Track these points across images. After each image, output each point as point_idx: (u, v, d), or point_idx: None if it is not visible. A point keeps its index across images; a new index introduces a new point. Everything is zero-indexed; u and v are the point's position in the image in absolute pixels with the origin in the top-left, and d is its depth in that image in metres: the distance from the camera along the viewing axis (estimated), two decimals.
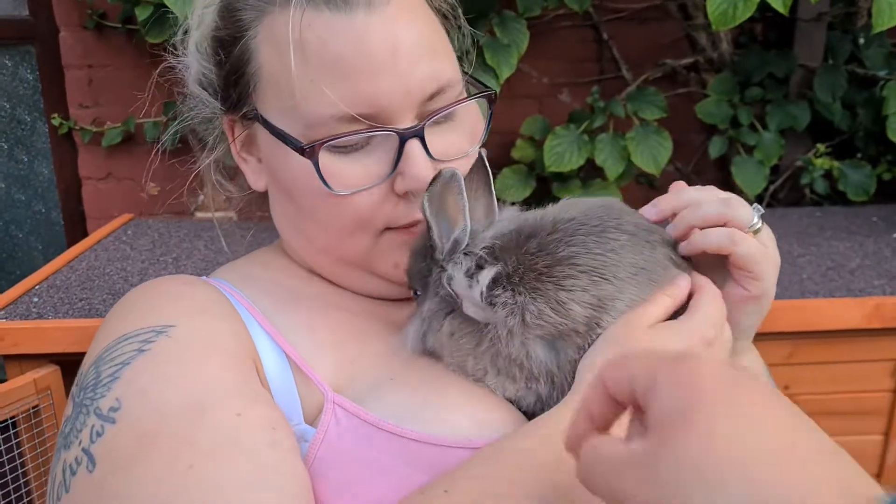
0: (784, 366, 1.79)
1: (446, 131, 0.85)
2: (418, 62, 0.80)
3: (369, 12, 0.78)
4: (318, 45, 0.77)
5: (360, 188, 0.80)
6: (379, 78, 0.77)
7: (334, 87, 0.77)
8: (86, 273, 1.97)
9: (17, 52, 2.95)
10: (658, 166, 2.49)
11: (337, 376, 0.80)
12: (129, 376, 0.70)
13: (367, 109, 0.78)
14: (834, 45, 2.70)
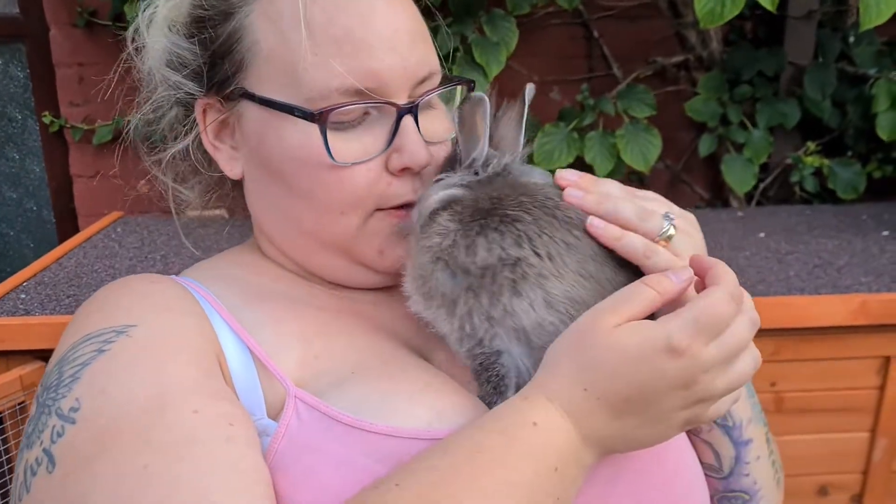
0: (770, 362, 1.80)
1: (431, 117, 0.88)
2: (415, 44, 0.84)
3: None
4: (323, 19, 0.80)
5: (359, 160, 0.82)
6: (383, 54, 0.80)
7: (340, 60, 0.79)
8: (74, 270, 1.97)
9: (8, 49, 2.95)
10: (647, 164, 2.50)
11: (300, 371, 0.80)
12: (88, 377, 0.71)
13: (370, 83, 0.80)
14: (824, 43, 2.71)
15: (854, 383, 1.85)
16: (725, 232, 2.34)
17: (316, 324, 0.85)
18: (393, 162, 0.83)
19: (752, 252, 2.11)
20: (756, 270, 1.95)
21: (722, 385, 0.70)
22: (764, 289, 1.82)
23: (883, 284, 1.83)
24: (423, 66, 0.84)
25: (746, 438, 0.89)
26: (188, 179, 0.98)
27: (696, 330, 0.67)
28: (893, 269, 1.94)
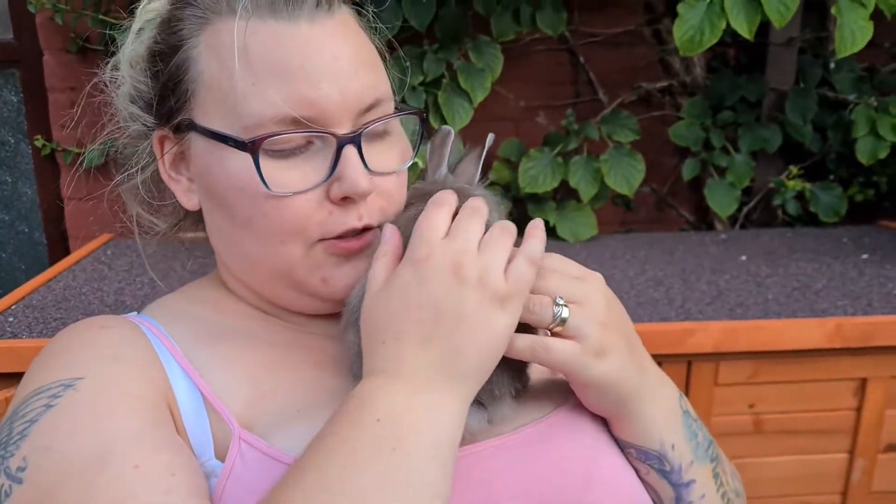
0: (747, 385, 1.82)
1: (380, 147, 0.88)
2: (357, 72, 0.83)
3: (312, 23, 0.82)
4: (261, 50, 0.80)
5: (298, 190, 0.82)
6: (320, 83, 0.81)
7: (276, 89, 0.80)
8: (62, 293, 1.99)
9: (1, 74, 2.98)
10: (631, 188, 2.53)
11: (248, 411, 0.81)
12: (35, 434, 0.72)
13: (307, 112, 0.80)
14: (805, 69, 2.76)
15: (832, 405, 1.88)
16: (708, 255, 2.37)
17: (266, 361, 0.87)
18: (333, 191, 0.83)
19: (732, 275, 2.14)
20: (735, 294, 1.98)
21: (490, 259, 0.74)
22: (742, 312, 1.85)
23: (859, 308, 1.86)
24: (367, 94, 0.84)
25: (687, 480, 0.89)
26: (158, 209, 1.00)
27: (423, 237, 0.75)
28: (871, 293, 1.97)
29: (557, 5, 2.59)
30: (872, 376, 1.84)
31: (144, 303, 1.92)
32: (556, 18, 2.59)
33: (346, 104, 0.82)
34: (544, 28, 2.59)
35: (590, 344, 0.78)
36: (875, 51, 2.76)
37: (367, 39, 0.90)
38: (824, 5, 2.69)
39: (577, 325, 0.77)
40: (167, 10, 0.89)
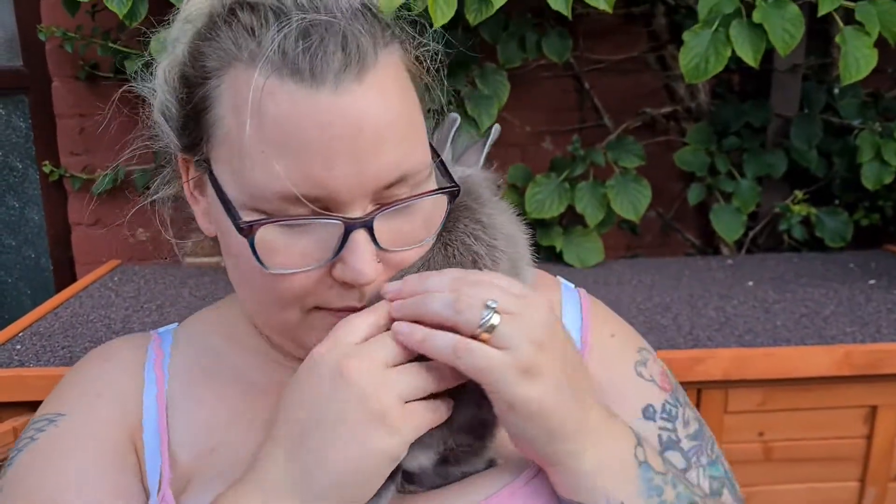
0: (757, 413, 1.81)
1: (399, 220, 0.79)
2: (380, 150, 0.74)
3: (336, 93, 0.72)
4: (275, 116, 0.72)
5: (297, 269, 0.76)
6: (334, 164, 0.72)
7: (285, 163, 0.72)
8: (69, 320, 1.99)
9: (11, 101, 3.01)
10: (637, 213, 2.54)
11: (194, 462, 0.86)
12: (16, 464, 0.82)
13: (316, 192, 0.73)
14: (809, 95, 2.77)
15: (842, 433, 1.87)
16: (715, 281, 2.37)
17: (230, 412, 0.90)
18: (336, 271, 0.77)
19: (739, 301, 2.14)
20: (743, 320, 1.98)
21: (394, 381, 0.71)
22: (751, 339, 1.84)
23: (868, 334, 1.85)
24: (390, 172, 0.75)
25: None
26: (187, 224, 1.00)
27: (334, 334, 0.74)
28: (879, 319, 1.97)
29: (563, 33, 2.61)
30: (883, 404, 1.83)
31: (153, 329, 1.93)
32: (562, 46, 2.61)
33: (362, 186, 0.74)
34: (550, 55, 2.61)
35: (519, 358, 0.70)
36: (880, 76, 2.78)
37: (406, 93, 0.80)
38: (828, 32, 2.70)
39: (508, 334, 0.70)
40: (202, 23, 0.81)
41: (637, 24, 2.88)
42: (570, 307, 1.04)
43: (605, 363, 0.99)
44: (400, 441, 0.69)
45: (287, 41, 0.72)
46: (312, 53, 0.72)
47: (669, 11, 2.81)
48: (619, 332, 1.06)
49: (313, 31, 0.73)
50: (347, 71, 0.73)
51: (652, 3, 2.79)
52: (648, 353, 1.04)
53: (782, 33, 2.01)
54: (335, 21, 0.74)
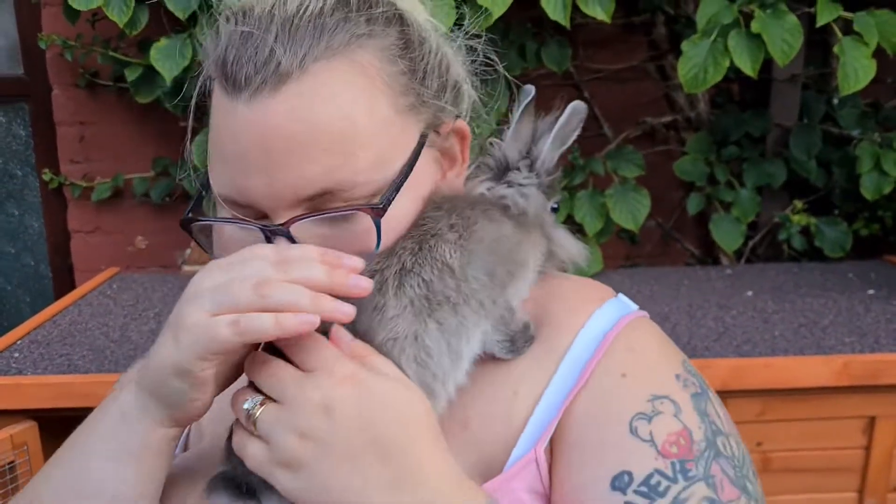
0: (756, 423, 1.81)
1: (331, 229, 0.78)
2: (293, 163, 0.73)
3: (249, 105, 0.73)
4: (216, 127, 0.78)
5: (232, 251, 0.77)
6: (249, 174, 0.75)
7: (220, 168, 0.78)
8: (68, 328, 1.99)
9: (11, 108, 3.02)
10: (637, 223, 2.54)
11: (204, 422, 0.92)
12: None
13: (241, 198, 0.77)
14: (809, 105, 2.77)
15: (841, 443, 1.86)
16: (714, 290, 2.37)
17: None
18: None
19: (738, 311, 2.14)
20: (742, 330, 1.98)
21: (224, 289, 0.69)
22: (749, 349, 1.84)
23: (866, 345, 1.85)
24: (307, 185, 0.74)
25: None
26: None
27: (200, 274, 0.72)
28: (878, 329, 1.96)
29: (562, 42, 2.62)
30: (881, 414, 1.83)
31: (150, 338, 1.93)
32: (561, 55, 2.62)
33: (277, 196, 0.75)
34: (549, 64, 2.61)
35: (276, 451, 0.68)
36: (879, 87, 2.78)
37: (353, 102, 0.76)
38: (827, 42, 2.71)
39: (265, 428, 0.69)
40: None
41: (637, 34, 2.89)
42: (595, 329, 0.86)
43: (595, 407, 0.81)
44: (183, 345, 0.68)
45: (228, 51, 0.74)
46: (239, 65, 0.73)
47: (669, 21, 2.82)
48: (638, 373, 0.83)
49: (248, 43, 0.74)
50: (264, 84, 0.73)
51: (652, 13, 2.79)
52: (671, 403, 0.80)
53: (781, 44, 2.01)
54: (258, 33, 0.74)
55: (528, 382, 0.82)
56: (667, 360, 0.85)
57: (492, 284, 0.79)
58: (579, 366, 0.83)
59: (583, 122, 0.84)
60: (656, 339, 0.88)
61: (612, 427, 0.78)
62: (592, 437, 0.79)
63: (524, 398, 0.82)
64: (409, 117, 0.80)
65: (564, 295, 0.90)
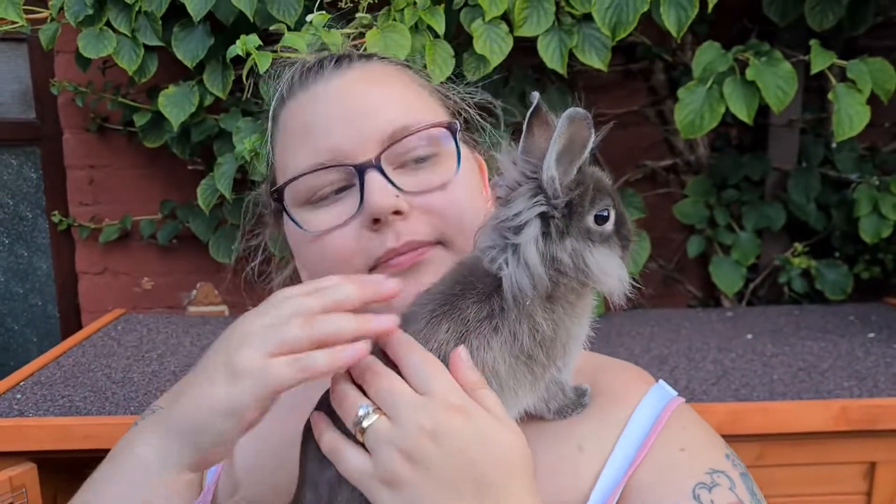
0: (754, 468, 1.79)
1: (422, 172, 0.92)
2: (371, 109, 0.91)
3: (327, 83, 0.94)
4: (291, 122, 0.95)
5: (331, 226, 0.90)
6: (331, 130, 0.90)
7: (300, 149, 0.92)
8: (71, 370, 2.01)
9: (23, 152, 3.08)
10: (637, 266, 2.55)
11: (245, 474, 0.96)
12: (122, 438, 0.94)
13: (328, 157, 0.90)
14: (807, 148, 2.80)
15: (841, 489, 1.85)
16: (714, 333, 2.37)
17: (275, 438, 0.93)
18: (364, 217, 0.88)
19: (737, 354, 2.14)
20: (741, 374, 1.98)
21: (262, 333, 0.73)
22: (747, 393, 1.84)
23: (865, 389, 1.85)
24: (386, 125, 0.90)
25: None
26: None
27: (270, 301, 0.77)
28: (877, 373, 1.96)
29: (563, 89, 2.66)
30: (882, 460, 1.82)
31: (152, 380, 1.94)
32: (562, 101, 2.66)
33: (363, 139, 0.89)
34: (550, 110, 2.65)
35: (380, 468, 0.70)
36: (877, 130, 2.81)
37: (399, 81, 0.98)
38: (824, 88, 2.74)
39: (373, 440, 0.71)
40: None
41: (636, 80, 2.94)
42: (648, 410, 0.95)
43: (658, 474, 0.89)
44: (242, 388, 0.70)
45: (291, 82, 0.98)
46: (304, 73, 0.97)
47: (668, 68, 2.86)
48: (695, 448, 0.92)
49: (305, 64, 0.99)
50: (337, 66, 0.95)
51: (650, 60, 2.84)
52: (726, 478, 0.89)
53: (776, 90, 2.05)
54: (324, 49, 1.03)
55: (591, 440, 0.90)
56: (716, 440, 0.95)
57: (535, 378, 0.82)
58: (639, 439, 0.91)
59: (591, 126, 0.78)
60: (702, 422, 0.99)
61: (676, 495, 0.85)
62: (657, 502, 0.86)
63: (590, 455, 0.89)
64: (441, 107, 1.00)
65: (614, 372, 1.01)
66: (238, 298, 3.04)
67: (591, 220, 0.80)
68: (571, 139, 0.78)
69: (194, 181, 2.51)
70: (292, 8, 2.10)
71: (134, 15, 2.28)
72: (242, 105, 2.45)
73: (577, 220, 0.80)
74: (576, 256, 0.79)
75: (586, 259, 0.79)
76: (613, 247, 0.83)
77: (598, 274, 0.80)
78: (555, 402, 0.88)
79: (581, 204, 0.80)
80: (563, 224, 0.79)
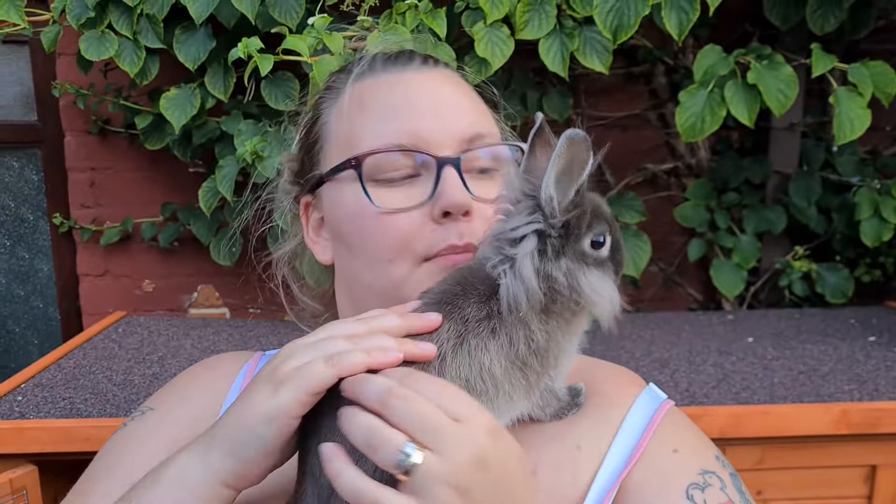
0: (755, 471, 1.80)
1: (485, 182, 0.94)
2: (458, 111, 0.94)
3: (419, 71, 0.98)
4: (373, 97, 0.95)
5: (402, 207, 0.91)
6: (422, 117, 0.92)
7: (384, 124, 0.92)
8: (72, 372, 2.01)
9: (24, 154, 3.08)
10: (638, 269, 2.55)
11: None
12: (109, 441, 1.02)
13: (410, 140, 0.91)
14: (808, 152, 2.80)
15: (842, 492, 1.85)
16: (715, 336, 2.37)
17: None
18: (434, 209, 0.90)
19: (738, 357, 2.14)
20: (741, 377, 1.98)
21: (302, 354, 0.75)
22: (748, 396, 1.84)
23: (866, 392, 1.85)
24: (469, 128, 0.93)
25: None
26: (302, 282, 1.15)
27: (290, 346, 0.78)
28: (877, 377, 1.96)
29: (563, 92, 2.67)
30: (882, 463, 1.82)
31: (153, 382, 1.94)
32: (563, 104, 2.67)
33: (448, 133, 0.92)
34: (551, 113, 2.66)
35: None
36: (878, 134, 2.82)
37: (471, 91, 1.01)
38: (825, 91, 2.75)
39: (423, 481, 0.64)
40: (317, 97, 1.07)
41: (637, 83, 2.94)
42: (641, 411, 0.98)
43: (652, 475, 0.92)
44: (285, 395, 0.71)
45: (375, 59, 1.00)
46: (396, 56, 1.00)
47: (669, 71, 2.87)
48: (687, 450, 0.95)
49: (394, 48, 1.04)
50: (427, 61, 0.99)
51: (651, 64, 2.84)
52: (717, 478, 0.92)
53: (777, 94, 2.05)
54: (410, 43, 1.07)
55: (589, 439, 0.93)
56: (706, 442, 0.99)
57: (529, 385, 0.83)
58: (633, 440, 0.94)
59: (589, 148, 0.78)
60: (692, 424, 1.02)
61: (671, 494, 0.89)
62: (651, 501, 0.89)
63: (587, 454, 0.92)
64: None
65: (606, 374, 1.03)
66: (239, 301, 3.04)
67: (587, 244, 0.82)
68: (570, 161, 0.79)
69: (195, 184, 2.51)
70: (294, 11, 2.11)
71: (136, 17, 2.29)
72: (244, 108, 2.46)
73: (574, 242, 0.81)
74: (570, 276, 0.81)
75: (579, 280, 0.81)
76: (607, 271, 0.85)
77: (591, 295, 0.81)
78: (550, 407, 0.91)
79: (578, 226, 0.81)
80: (560, 244, 0.81)
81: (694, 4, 1.93)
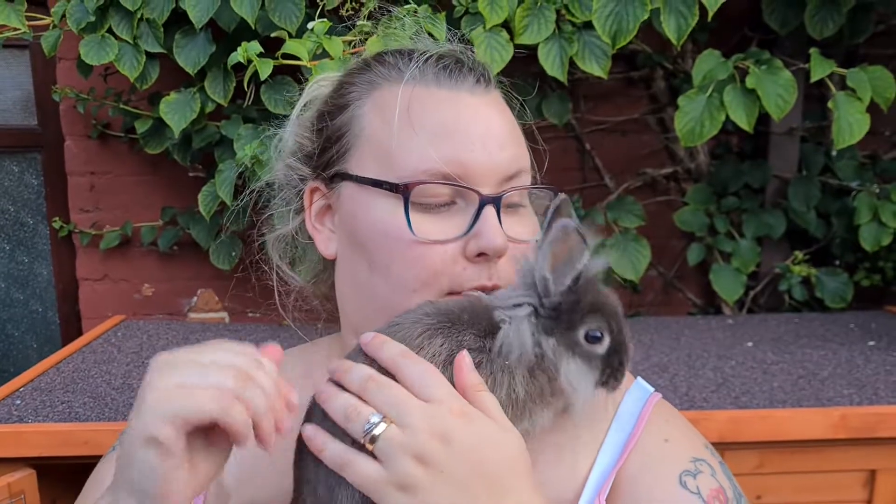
0: (754, 475, 1.80)
1: (515, 218, 0.94)
2: (506, 143, 0.92)
3: (472, 95, 0.93)
4: (422, 112, 0.91)
5: (439, 239, 0.88)
6: (473, 146, 0.89)
7: (434, 146, 0.89)
8: (71, 376, 2.01)
9: (24, 158, 3.09)
10: (637, 273, 2.56)
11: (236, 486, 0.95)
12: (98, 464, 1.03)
13: (456, 170, 0.89)
14: (807, 156, 2.80)
15: (841, 497, 1.85)
16: (714, 341, 2.37)
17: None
18: (470, 247, 0.89)
19: (738, 362, 2.14)
20: (741, 381, 1.98)
21: None
22: (747, 400, 1.84)
23: (865, 397, 1.85)
24: (512, 164, 0.92)
25: None
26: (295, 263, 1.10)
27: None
28: (877, 381, 1.96)
29: (563, 96, 2.67)
30: (882, 468, 1.82)
31: None
32: (562, 108, 2.67)
33: (493, 169, 0.90)
34: (550, 118, 2.66)
35: (393, 473, 0.73)
36: (877, 138, 2.82)
37: (511, 117, 0.99)
38: (825, 96, 2.75)
39: (385, 447, 0.73)
40: (337, 78, 1.02)
41: (637, 88, 2.95)
42: (631, 403, 1.02)
43: (646, 464, 0.95)
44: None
45: (426, 65, 0.94)
46: (451, 68, 0.94)
47: (668, 76, 2.87)
48: (677, 439, 1.00)
49: (447, 57, 0.95)
50: (479, 84, 0.94)
51: (651, 68, 2.85)
52: (707, 466, 0.97)
53: (776, 98, 2.05)
54: (461, 53, 0.96)
55: (586, 431, 0.96)
56: (695, 432, 1.03)
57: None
58: (626, 431, 0.97)
59: (582, 240, 0.80)
60: (680, 415, 1.05)
61: (664, 481, 0.92)
62: (646, 489, 0.92)
63: (585, 445, 0.95)
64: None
65: None
66: (239, 305, 3.04)
67: (580, 335, 0.83)
68: (563, 249, 0.81)
69: (195, 188, 2.52)
70: (294, 15, 2.11)
71: (136, 22, 2.29)
72: (244, 112, 2.46)
73: (565, 327, 0.83)
74: (556, 356, 0.82)
75: (559, 364, 0.82)
76: (593, 368, 0.84)
77: (565, 383, 0.83)
78: None
79: (571, 312, 0.82)
80: (551, 325, 0.83)
81: (693, 9, 1.93)
